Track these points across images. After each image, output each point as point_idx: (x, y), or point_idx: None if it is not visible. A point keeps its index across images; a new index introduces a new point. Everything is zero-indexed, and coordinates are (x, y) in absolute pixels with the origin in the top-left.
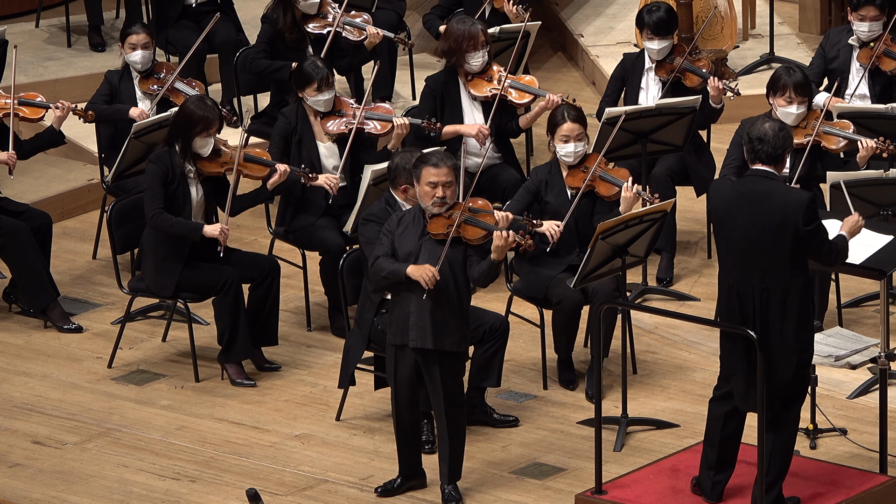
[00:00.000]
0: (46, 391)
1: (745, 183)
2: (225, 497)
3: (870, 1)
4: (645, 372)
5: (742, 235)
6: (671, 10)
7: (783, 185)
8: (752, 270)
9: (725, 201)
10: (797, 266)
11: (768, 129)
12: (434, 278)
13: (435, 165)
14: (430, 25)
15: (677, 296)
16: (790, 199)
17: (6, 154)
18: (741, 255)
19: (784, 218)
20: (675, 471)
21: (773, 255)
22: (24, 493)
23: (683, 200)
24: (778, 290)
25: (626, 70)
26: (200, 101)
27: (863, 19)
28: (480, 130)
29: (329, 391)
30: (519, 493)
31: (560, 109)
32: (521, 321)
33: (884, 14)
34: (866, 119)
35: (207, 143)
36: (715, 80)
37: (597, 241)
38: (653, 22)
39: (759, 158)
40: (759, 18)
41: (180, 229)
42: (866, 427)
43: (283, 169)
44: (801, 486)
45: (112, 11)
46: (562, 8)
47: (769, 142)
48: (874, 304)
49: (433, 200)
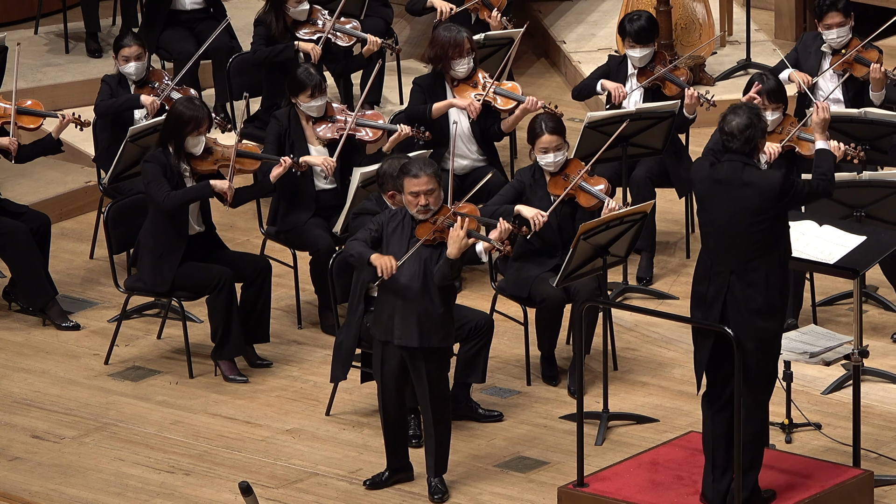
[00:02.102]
0: (45, 387)
1: (722, 169)
2: (218, 490)
3: (832, 7)
4: (625, 368)
5: (719, 220)
6: (652, 18)
7: (758, 170)
8: (728, 254)
9: (704, 185)
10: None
11: (735, 128)
12: (392, 271)
13: (415, 176)
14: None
15: (657, 294)
16: (764, 183)
17: (7, 139)
18: (717, 238)
19: (761, 201)
20: (655, 464)
21: (748, 242)
22: (24, 486)
23: (663, 202)
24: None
25: (611, 71)
26: (189, 101)
27: (829, 27)
28: (472, 104)
29: (319, 387)
30: (503, 486)
31: (539, 120)
32: (505, 319)
33: (849, 19)
34: (841, 123)
35: (199, 141)
36: (691, 90)
37: (579, 242)
38: (634, 30)
39: (730, 152)
40: (737, 25)
41: (193, 195)
42: (840, 422)
43: (287, 162)
44: (776, 479)
45: (109, 19)
46: (545, 15)
47: (738, 140)
48: (848, 302)
49: (417, 209)
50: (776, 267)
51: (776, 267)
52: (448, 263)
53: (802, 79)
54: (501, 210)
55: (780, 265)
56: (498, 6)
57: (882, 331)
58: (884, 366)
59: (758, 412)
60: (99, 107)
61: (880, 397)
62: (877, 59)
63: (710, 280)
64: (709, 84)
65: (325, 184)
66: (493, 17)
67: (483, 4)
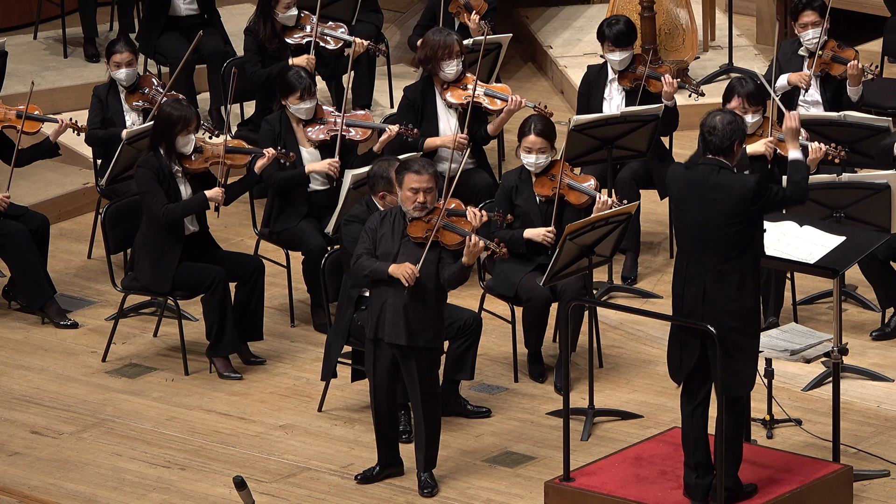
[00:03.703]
0: (44, 384)
1: (697, 171)
2: (213, 484)
3: (807, 5)
4: (610, 365)
5: (693, 222)
6: (630, 22)
7: (732, 174)
8: (703, 256)
9: (678, 187)
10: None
11: (718, 122)
12: (414, 276)
13: (417, 172)
14: (412, 45)
15: (641, 293)
16: (738, 185)
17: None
18: (692, 241)
19: (735, 204)
20: (639, 459)
21: (722, 244)
22: (23, 481)
23: (647, 203)
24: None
25: (591, 83)
26: (176, 102)
27: (805, 27)
28: (458, 141)
29: (311, 383)
30: (491, 481)
31: (530, 120)
32: (493, 317)
33: (823, 18)
34: (820, 126)
35: (189, 140)
36: (669, 77)
37: (565, 242)
38: (613, 35)
39: (709, 149)
40: (719, 31)
41: (190, 208)
42: (820, 418)
43: (271, 153)
44: (758, 474)
45: (106, 24)
46: (532, 21)
47: (718, 134)
48: (828, 301)
49: (414, 205)
50: (750, 270)
51: (750, 270)
52: (462, 269)
53: (801, 78)
54: (509, 237)
55: (754, 268)
56: (478, 10)
57: (861, 329)
58: (863, 363)
59: (736, 409)
60: (89, 137)
61: (859, 394)
62: (853, 57)
63: (686, 281)
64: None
65: (318, 185)
66: (473, 21)
67: (464, 8)
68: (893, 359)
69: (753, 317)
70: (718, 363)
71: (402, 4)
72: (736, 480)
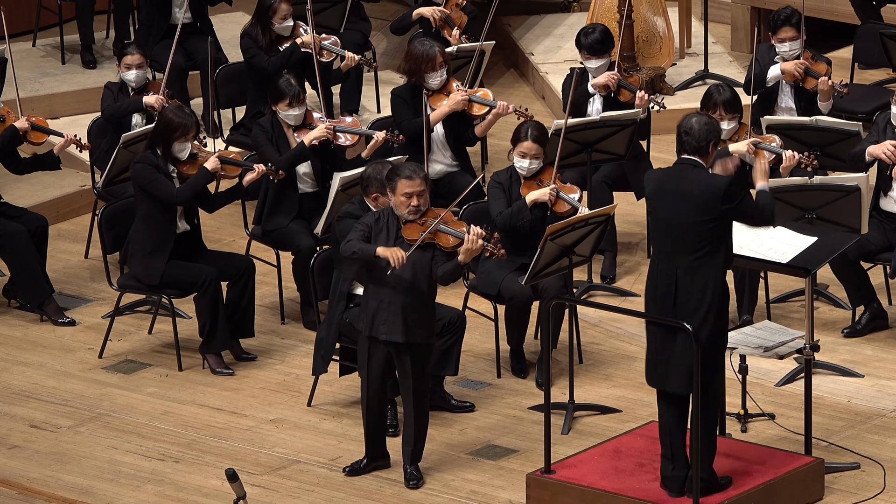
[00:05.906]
0: (42, 379)
1: (672, 170)
2: (206, 476)
3: (786, 21)
4: (590, 362)
5: (666, 218)
6: (606, 31)
7: (705, 173)
8: (674, 252)
9: (653, 185)
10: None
11: (694, 123)
12: (402, 261)
13: (409, 178)
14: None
15: (620, 292)
16: (710, 184)
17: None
18: (665, 237)
19: (706, 201)
20: (618, 452)
21: (693, 240)
22: (22, 473)
23: (624, 205)
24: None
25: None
26: (179, 109)
27: (782, 41)
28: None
29: (301, 379)
30: (475, 473)
31: (526, 126)
32: (476, 315)
33: (801, 33)
34: (793, 130)
35: (185, 147)
36: (642, 93)
37: (546, 242)
38: (588, 43)
39: (685, 150)
40: (695, 38)
41: (196, 184)
42: (793, 412)
43: (260, 168)
44: (733, 466)
45: (103, 32)
46: (514, 29)
47: (694, 135)
48: (800, 299)
49: (409, 209)
50: (718, 272)
51: (718, 272)
52: (457, 267)
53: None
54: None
55: (722, 270)
56: (459, 24)
57: (832, 326)
58: (834, 359)
59: (709, 403)
60: (106, 111)
61: (830, 389)
62: (825, 72)
63: (659, 279)
64: (668, 93)
65: (307, 188)
66: (454, 36)
67: (445, 22)
68: (863, 355)
69: (720, 314)
70: (695, 359)
71: (389, 13)
72: (711, 472)
